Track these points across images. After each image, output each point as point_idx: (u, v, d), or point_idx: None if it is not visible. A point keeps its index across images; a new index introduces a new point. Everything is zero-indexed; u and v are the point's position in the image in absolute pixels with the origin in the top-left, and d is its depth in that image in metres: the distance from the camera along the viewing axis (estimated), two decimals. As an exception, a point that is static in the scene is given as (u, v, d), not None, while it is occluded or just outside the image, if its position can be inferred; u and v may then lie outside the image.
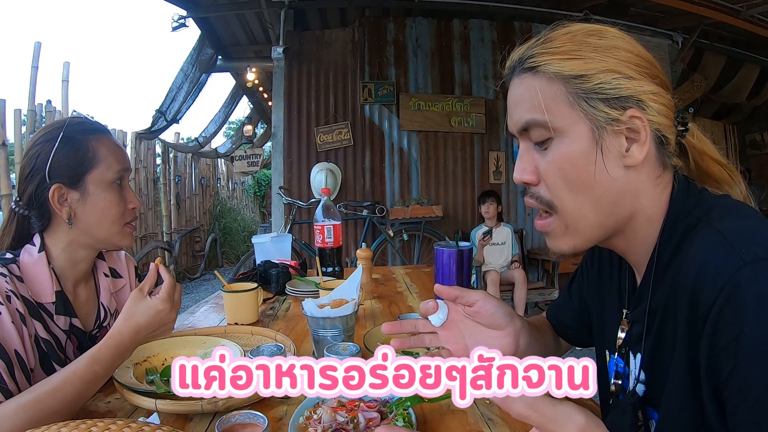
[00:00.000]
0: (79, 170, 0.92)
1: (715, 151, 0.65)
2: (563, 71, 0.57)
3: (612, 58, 0.58)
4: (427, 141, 4.49)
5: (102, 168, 0.93)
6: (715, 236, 0.53)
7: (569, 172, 0.58)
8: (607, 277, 0.75)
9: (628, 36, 0.60)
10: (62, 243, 0.94)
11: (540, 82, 0.59)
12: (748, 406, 0.46)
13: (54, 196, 0.90)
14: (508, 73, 0.64)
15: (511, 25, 4.61)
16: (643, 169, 0.59)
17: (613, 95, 0.57)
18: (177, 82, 5.39)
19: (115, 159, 0.95)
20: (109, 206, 0.94)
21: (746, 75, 5.32)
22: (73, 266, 0.97)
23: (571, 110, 0.57)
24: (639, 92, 0.57)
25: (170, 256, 5.97)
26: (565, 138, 0.58)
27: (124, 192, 0.98)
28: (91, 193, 0.93)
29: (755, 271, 0.48)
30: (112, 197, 0.95)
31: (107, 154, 0.94)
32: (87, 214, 0.93)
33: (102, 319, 1.03)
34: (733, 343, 0.47)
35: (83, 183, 0.92)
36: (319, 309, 0.99)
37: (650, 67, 0.59)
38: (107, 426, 0.51)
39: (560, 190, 0.59)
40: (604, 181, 0.58)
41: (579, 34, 0.59)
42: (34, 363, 0.85)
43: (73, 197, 0.92)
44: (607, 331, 0.72)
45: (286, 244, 1.94)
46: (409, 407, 0.73)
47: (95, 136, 0.95)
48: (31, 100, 3.85)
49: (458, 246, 1.23)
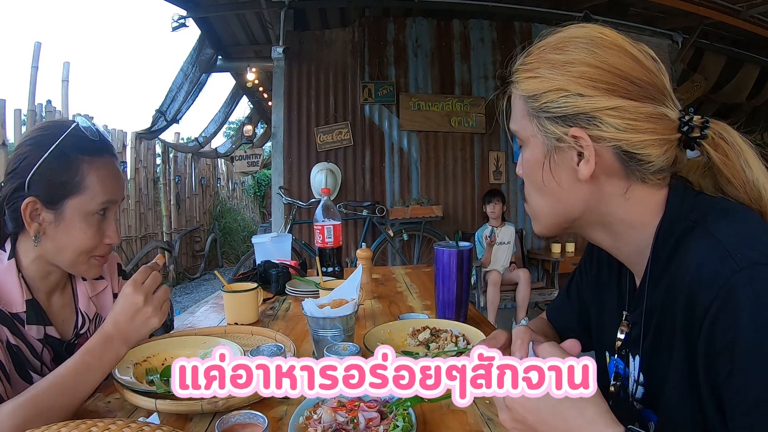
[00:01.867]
0: (61, 192, 0.84)
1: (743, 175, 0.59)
2: (522, 90, 0.63)
3: (563, 76, 0.58)
4: (427, 141, 4.49)
5: (85, 197, 0.85)
6: (711, 240, 0.53)
7: (528, 175, 0.66)
8: (606, 278, 0.76)
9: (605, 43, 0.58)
10: (31, 255, 0.88)
11: (514, 98, 0.66)
12: (746, 408, 0.46)
13: (26, 209, 0.83)
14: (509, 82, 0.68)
15: (511, 25, 4.61)
16: (606, 181, 0.60)
17: (559, 114, 0.59)
18: (177, 82, 5.40)
19: (102, 189, 0.87)
20: (83, 238, 0.87)
21: (746, 75, 5.32)
22: (44, 278, 0.91)
23: (529, 124, 0.63)
24: (589, 109, 0.57)
25: (170, 256, 5.98)
26: (527, 146, 0.65)
27: (105, 224, 0.90)
28: (66, 219, 0.85)
29: (751, 275, 0.48)
30: (88, 229, 0.87)
31: (96, 183, 0.86)
32: (56, 238, 0.86)
33: (80, 327, 0.98)
34: (729, 347, 0.48)
35: (61, 206, 0.85)
36: (319, 309, 0.99)
37: (615, 80, 0.57)
38: (107, 426, 0.51)
39: (528, 188, 0.68)
40: (554, 189, 0.63)
41: (547, 48, 0.62)
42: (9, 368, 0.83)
43: (47, 217, 0.85)
44: (607, 332, 0.72)
45: (286, 244, 1.93)
46: (409, 407, 0.73)
47: (90, 158, 0.86)
48: (31, 100, 3.85)
49: (458, 246, 1.23)
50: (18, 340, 0.86)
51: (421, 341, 1.04)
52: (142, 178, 5.83)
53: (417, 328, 1.08)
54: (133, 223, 5.58)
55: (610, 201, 0.61)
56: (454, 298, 1.22)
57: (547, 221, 0.67)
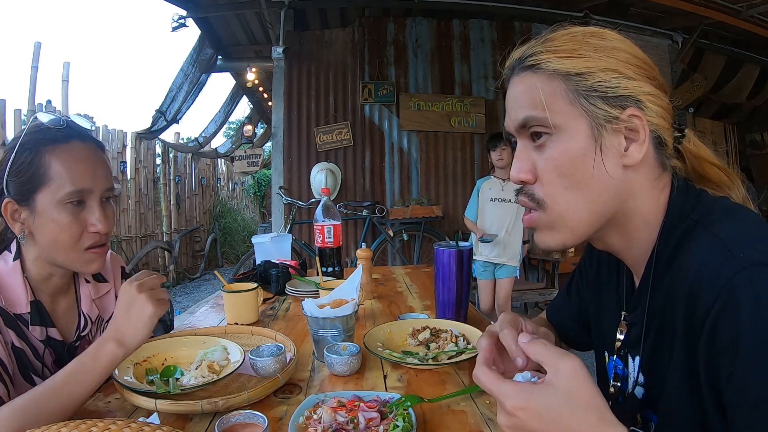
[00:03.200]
0: (28, 187, 0.83)
1: (712, 155, 0.66)
2: (564, 68, 0.58)
3: (612, 58, 0.58)
4: (427, 141, 4.49)
5: (51, 187, 0.83)
6: (712, 240, 0.53)
7: (567, 168, 0.58)
8: (606, 278, 0.75)
9: (626, 39, 0.61)
10: (31, 255, 0.88)
11: (540, 79, 0.59)
12: (747, 408, 0.46)
13: (6, 211, 0.84)
14: (508, 72, 0.65)
15: (511, 25, 4.61)
16: (641, 169, 0.59)
17: (613, 94, 0.57)
18: (177, 82, 5.40)
19: (69, 178, 0.83)
20: (59, 230, 0.84)
21: (746, 75, 5.32)
22: (45, 280, 0.91)
23: (570, 107, 0.58)
24: (638, 93, 0.58)
25: (170, 256, 5.98)
26: (563, 135, 0.58)
27: (85, 213, 0.86)
28: (39, 213, 0.83)
29: (752, 276, 0.48)
30: (62, 219, 0.84)
31: (62, 171, 0.83)
32: (38, 234, 0.85)
33: (82, 329, 0.97)
34: (730, 347, 0.48)
35: (32, 201, 0.83)
36: (319, 309, 0.99)
37: (649, 70, 0.60)
38: (107, 426, 0.51)
39: (555, 187, 0.59)
40: (602, 180, 0.58)
41: (579, 34, 0.60)
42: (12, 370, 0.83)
43: (24, 214, 0.84)
44: (606, 332, 0.72)
45: (286, 244, 1.93)
46: (409, 407, 0.73)
47: (53, 147, 0.83)
48: (31, 100, 3.85)
49: (458, 246, 1.23)
50: (22, 343, 0.86)
51: (421, 341, 1.04)
52: (142, 178, 5.83)
53: (417, 328, 1.08)
54: (133, 223, 5.58)
55: (641, 192, 0.60)
56: (454, 298, 1.22)
57: (580, 223, 0.60)
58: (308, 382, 0.90)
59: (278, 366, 0.87)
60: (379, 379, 0.91)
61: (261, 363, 0.87)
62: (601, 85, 0.57)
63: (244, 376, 0.91)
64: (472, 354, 0.96)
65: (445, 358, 0.96)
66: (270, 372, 0.86)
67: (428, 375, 0.93)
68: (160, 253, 5.99)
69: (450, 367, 0.95)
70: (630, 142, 0.58)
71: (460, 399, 0.82)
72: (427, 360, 0.96)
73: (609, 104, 0.57)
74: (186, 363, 0.93)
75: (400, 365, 0.95)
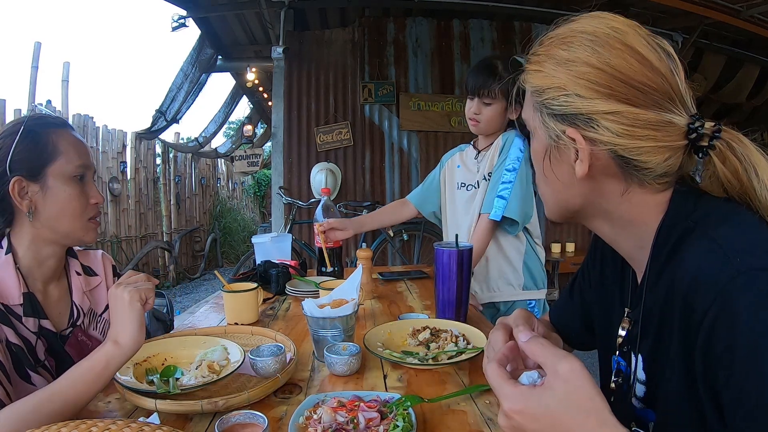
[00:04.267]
0: (39, 162, 0.92)
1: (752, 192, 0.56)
2: (528, 83, 0.64)
3: (565, 74, 0.58)
4: (427, 141, 4.48)
5: (62, 161, 0.93)
6: (710, 244, 0.53)
7: (536, 163, 0.68)
8: (610, 277, 0.75)
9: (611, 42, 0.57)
10: (26, 240, 0.94)
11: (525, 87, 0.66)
12: (745, 412, 0.46)
13: (14, 189, 0.90)
14: None
15: (511, 25, 4.60)
16: (604, 180, 0.60)
17: (558, 112, 0.59)
18: (177, 82, 5.40)
19: (76, 153, 0.95)
20: (69, 199, 0.94)
21: (746, 75, 5.31)
22: (40, 264, 0.96)
23: (536, 115, 0.64)
24: (588, 111, 0.57)
25: (170, 256, 5.98)
26: (534, 137, 0.66)
27: (87, 187, 0.97)
28: (50, 186, 0.92)
29: (749, 281, 0.48)
30: (72, 191, 0.94)
31: (68, 147, 0.94)
32: (48, 207, 0.93)
33: (75, 318, 1.01)
34: (727, 351, 0.47)
35: (43, 175, 0.92)
36: (319, 309, 0.99)
37: (616, 85, 0.56)
38: (107, 426, 0.51)
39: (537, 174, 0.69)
40: (555, 180, 0.64)
41: (555, 41, 0.61)
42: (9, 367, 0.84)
43: (33, 190, 0.92)
44: (610, 330, 0.72)
45: (286, 244, 1.93)
46: (409, 407, 0.73)
47: (55, 129, 0.95)
48: (31, 100, 3.85)
49: (458, 246, 1.24)
50: (17, 338, 0.87)
51: (421, 341, 1.04)
52: (142, 178, 5.83)
53: (417, 328, 1.09)
54: (133, 223, 5.58)
55: (610, 198, 0.61)
56: (454, 298, 1.22)
57: (552, 208, 0.69)
58: (308, 382, 0.90)
59: (278, 366, 0.87)
60: (379, 379, 0.91)
61: (261, 363, 0.87)
62: (549, 102, 0.60)
63: (244, 376, 0.91)
64: (473, 354, 0.96)
65: (445, 358, 0.96)
66: (270, 372, 0.86)
67: (428, 375, 0.93)
68: (160, 253, 5.99)
69: (450, 367, 0.95)
70: (576, 157, 0.59)
71: (460, 399, 0.82)
72: (427, 360, 0.96)
73: (553, 121, 0.60)
74: (186, 363, 0.93)
75: (400, 365, 0.96)
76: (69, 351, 0.96)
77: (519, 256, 1.69)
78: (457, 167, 1.78)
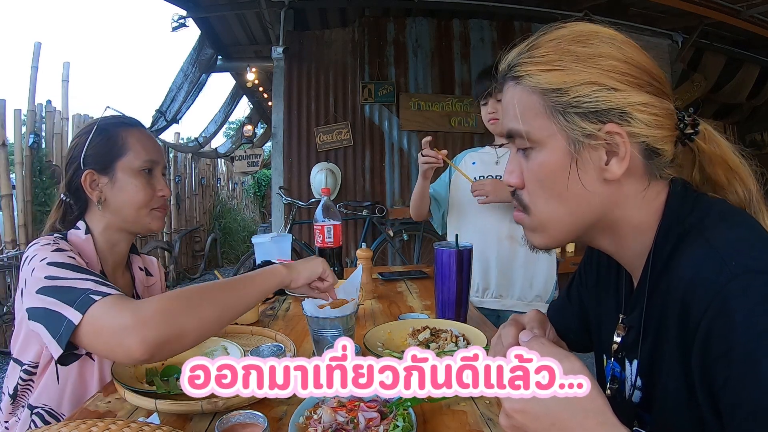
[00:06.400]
0: (109, 157, 1.01)
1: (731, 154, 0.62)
2: (541, 84, 0.57)
3: (594, 69, 0.56)
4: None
5: (130, 156, 1.02)
6: (706, 247, 0.52)
7: (545, 181, 0.60)
8: (605, 281, 0.75)
9: (621, 40, 0.58)
10: (100, 226, 1.03)
11: (520, 94, 0.59)
12: (743, 417, 0.46)
13: (86, 181, 0.99)
14: (501, 78, 0.64)
15: (511, 25, 4.61)
16: (626, 182, 0.58)
17: (592, 109, 0.55)
18: (177, 82, 5.39)
19: (143, 149, 1.03)
20: (135, 191, 1.02)
21: (746, 75, 5.31)
22: (112, 248, 1.05)
23: (548, 123, 0.58)
24: (622, 104, 0.55)
25: (170, 256, 5.98)
26: (542, 149, 0.59)
27: (154, 181, 1.05)
28: (119, 179, 1.01)
29: (745, 284, 0.47)
30: (138, 183, 1.02)
31: (136, 143, 1.02)
32: (115, 197, 1.01)
33: None
34: (724, 355, 0.47)
35: (112, 169, 1.01)
36: (319, 309, 0.99)
37: (641, 75, 0.57)
38: (107, 426, 0.51)
39: (537, 197, 0.61)
40: (579, 193, 0.58)
41: (564, 41, 0.58)
42: None
43: (103, 182, 1.01)
44: (605, 335, 0.72)
45: (286, 244, 1.93)
46: (409, 407, 0.73)
47: (126, 128, 1.04)
48: (31, 100, 3.84)
49: (458, 246, 1.24)
50: None
51: (421, 341, 1.04)
52: (142, 178, 5.81)
53: (417, 328, 1.09)
54: (133, 223, 5.57)
55: (626, 203, 0.59)
56: (454, 298, 1.22)
57: (560, 230, 0.62)
58: (308, 382, 0.90)
59: (278, 366, 0.87)
60: (379, 379, 0.90)
61: (261, 363, 0.87)
62: (579, 100, 0.56)
63: (244, 376, 0.91)
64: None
65: (445, 358, 0.96)
66: (270, 372, 0.86)
67: (428, 375, 0.92)
68: (160, 253, 5.98)
69: (450, 367, 0.95)
70: (611, 156, 0.57)
71: (460, 399, 0.82)
72: (427, 360, 0.96)
73: (587, 120, 0.56)
74: (186, 363, 0.93)
75: (400, 365, 0.95)
76: None
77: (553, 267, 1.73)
78: (473, 164, 1.80)
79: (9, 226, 3.67)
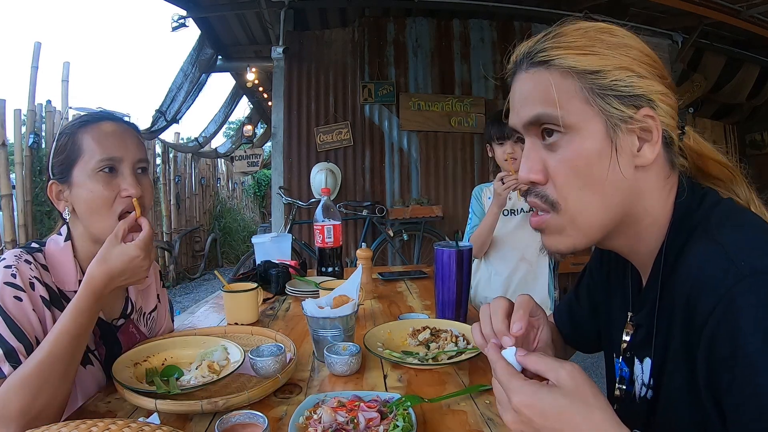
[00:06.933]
0: (66, 164, 0.92)
1: (714, 150, 0.65)
2: (579, 66, 0.56)
3: (626, 56, 0.57)
4: (427, 141, 4.48)
5: (84, 158, 0.91)
6: (713, 246, 0.52)
7: (582, 169, 0.57)
8: (615, 280, 0.74)
9: (635, 36, 0.60)
10: (77, 234, 0.96)
11: (553, 76, 0.57)
12: (748, 418, 0.46)
13: (52, 192, 0.93)
14: (513, 68, 0.62)
15: (511, 25, 4.61)
16: (652, 169, 0.59)
17: (627, 93, 0.56)
18: (177, 82, 5.39)
19: (98, 146, 0.90)
20: (92, 196, 0.90)
21: (746, 75, 5.31)
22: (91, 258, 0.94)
23: (585, 106, 0.56)
24: (650, 92, 0.57)
25: (170, 256, 5.98)
26: (578, 135, 0.56)
27: (118, 180, 0.92)
28: (75, 185, 0.91)
29: (753, 285, 0.47)
30: (94, 186, 0.90)
31: (91, 143, 0.91)
32: (77, 206, 0.92)
33: (129, 312, 1.03)
34: (730, 356, 0.47)
35: (70, 176, 0.91)
36: (319, 309, 0.99)
37: (659, 68, 0.59)
38: (107, 426, 0.51)
39: (569, 189, 0.58)
40: (616, 181, 0.57)
41: (591, 30, 0.59)
42: None
43: (64, 190, 0.93)
44: (614, 334, 0.71)
45: (286, 244, 1.94)
46: (409, 407, 0.73)
47: (86, 127, 0.92)
48: (31, 100, 3.84)
49: (458, 246, 1.24)
50: None
51: (421, 341, 1.04)
52: (142, 178, 5.81)
53: (417, 328, 1.08)
54: (133, 223, 5.56)
55: (650, 194, 0.59)
56: (454, 298, 1.22)
57: (591, 225, 0.59)
58: (308, 382, 0.90)
59: (278, 366, 0.87)
60: (379, 379, 0.91)
61: (261, 363, 0.87)
62: (616, 84, 0.55)
63: (244, 376, 0.91)
64: (472, 354, 0.96)
65: (445, 358, 0.96)
66: (270, 372, 0.86)
67: (428, 375, 0.93)
68: (160, 253, 5.98)
69: (450, 367, 0.95)
70: (643, 142, 0.57)
71: (460, 399, 0.82)
72: (427, 360, 0.96)
73: (624, 104, 0.55)
74: (186, 363, 0.93)
75: (400, 365, 0.95)
76: (120, 339, 0.98)
77: None
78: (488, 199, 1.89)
79: (9, 226, 3.67)
